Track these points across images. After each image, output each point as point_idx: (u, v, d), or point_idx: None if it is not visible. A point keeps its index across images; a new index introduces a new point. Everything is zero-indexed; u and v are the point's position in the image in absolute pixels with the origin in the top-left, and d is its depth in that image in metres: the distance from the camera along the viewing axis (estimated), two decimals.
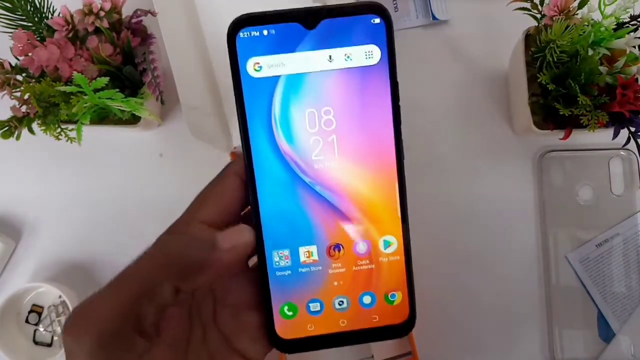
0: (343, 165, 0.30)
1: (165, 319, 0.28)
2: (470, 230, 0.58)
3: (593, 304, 0.56)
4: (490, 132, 0.60)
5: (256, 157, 0.29)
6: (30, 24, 0.50)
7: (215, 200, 0.30)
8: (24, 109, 0.48)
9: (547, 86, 0.48)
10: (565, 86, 0.48)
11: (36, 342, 0.59)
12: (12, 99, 0.48)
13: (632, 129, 0.47)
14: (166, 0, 0.52)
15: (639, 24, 0.49)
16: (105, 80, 0.45)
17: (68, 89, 0.45)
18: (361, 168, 0.30)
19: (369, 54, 0.29)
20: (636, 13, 0.49)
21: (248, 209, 0.30)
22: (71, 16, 0.49)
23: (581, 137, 0.57)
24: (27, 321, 0.59)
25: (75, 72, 0.45)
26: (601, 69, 0.47)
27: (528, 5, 0.49)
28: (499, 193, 0.59)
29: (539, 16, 0.50)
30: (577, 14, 0.48)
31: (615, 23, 0.47)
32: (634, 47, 0.47)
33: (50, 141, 0.49)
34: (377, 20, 0.28)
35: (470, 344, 0.57)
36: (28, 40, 0.48)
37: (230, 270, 0.29)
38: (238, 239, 0.29)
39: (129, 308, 0.26)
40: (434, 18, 0.61)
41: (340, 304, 0.31)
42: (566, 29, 0.46)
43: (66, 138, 0.49)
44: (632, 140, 0.47)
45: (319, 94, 0.29)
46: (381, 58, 0.29)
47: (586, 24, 0.47)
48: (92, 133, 0.52)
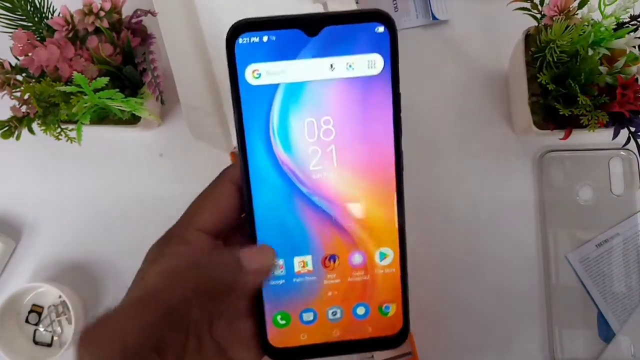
0: (341, 176, 0.29)
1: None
2: (470, 230, 0.58)
3: (593, 304, 0.56)
4: (490, 132, 0.60)
5: (253, 166, 0.29)
6: (30, 24, 0.50)
7: (211, 208, 0.29)
8: (24, 109, 0.48)
9: (547, 86, 0.48)
10: (565, 86, 0.48)
11: (36, 342, 0.58)
12: (12, 99, 0.48)
13: (632, 129, 0.47)
14: (166, 0, 0.52)
15: (639, 24, 0.49)
16: (105, 80, 0.45)
17: (68, 89, 0.45)
18: (360, 179, 0.29)
19: (371, 64, 0.28)
20: (636, 13, 0.49)
21: (244, 215, 0.30)
22: (71, 16, 0.49)
23: (581, 137, 0.57)
24: (27, 321, 0.59)
25: (75, 72, 0.45)
26: (601, 69, 0.47)
27: (528, 5, 0.49)
28: (499, 193, 0.59)
29: (539, 16, 0.50)
30: (577, 14, 0.48)
31: (615, 23, 0.47)
32: (634, 47, 0.47)
33: (50, 141, 0.49)
34: (381, 29, 0.27)
35: (470, 344, 0.57)
36: (28, 40, 0.48)
37: (252, 292, 0.29)
38: (264, 262, 0.28)
39: (154, 328, 0.25)
40: (434, 18, 0.61)
41: (334, 314, 0.30)
42: (566, 29, 0.46)
43: (66, 138, 0.49)
44: (632, 140, 0.47)
45: (319, 103, 0.28)
46: (384, 68, 0.28)
47: (586, 24, 0.47)
48: (92, 133, 0.52)
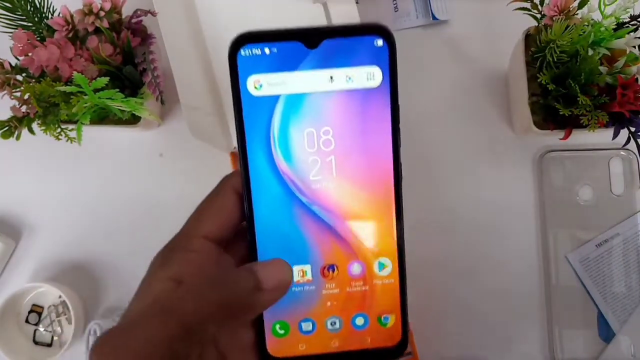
0: (341, 186, 0.29)
1: None
2: (470, 230, 0.58)
3: (593, 304, 0.56)
4: (490, 132, 0.60)
5: (254, 175, 0.29)
6: (30, 24, 0.50)
7: (214, 215, 0.29)
8: (24, 109, 0.48)
9: (547, 86, 0.48)
10: (565, 86, 0.48)
11: (36, 342, 0.59)
12: (12, 99, 0.48)
13: (632, 129, 0.47)
14: (166, 0, 0.52)
15: (639, 24, 0.49)
16: (105, 80, 0.45)
17: (68, 89, 0.45)
18: (359, 189, 0.29)
19: (370, 76, 0.28)
20: (636, 13, 0.49)
21: (244, 222, 0.30)
22: (71, 16, 0.49)
23: (581, 137, 0.57)
24: (27, 321, 0.59)
25: (75, 72, 0.45)
26: (601, 69, 0.47)
27: (528, 5, 0.49)
28: (499, 193, 0.59)
29: (539, 16, 0.50)
30: (577, 14, 0.48)
31: (615, 23, 0.47)
32: (634, 47, 0.47)
33: (50, 141, 0.49)
34: (380, 42, 0.28)
35: (470, 343, 0.57)
36: (28, 40, 0.48)
37: (268, 309, 0.29)
38: (282, 279, 0.28)
39: (169, 344, 0.25)
40: (434, 18, 0.61)
41: (332, 325, 0.30)
42: (566, 29, 0.46)
43: (66, 138, 0.49)
44: (632, 140, 0.47)
45: (319, 114, 0.29)
46: (383, 80, 0.28)
47: (586, 24, 0.47)
48: (92, 133, 0.52)
